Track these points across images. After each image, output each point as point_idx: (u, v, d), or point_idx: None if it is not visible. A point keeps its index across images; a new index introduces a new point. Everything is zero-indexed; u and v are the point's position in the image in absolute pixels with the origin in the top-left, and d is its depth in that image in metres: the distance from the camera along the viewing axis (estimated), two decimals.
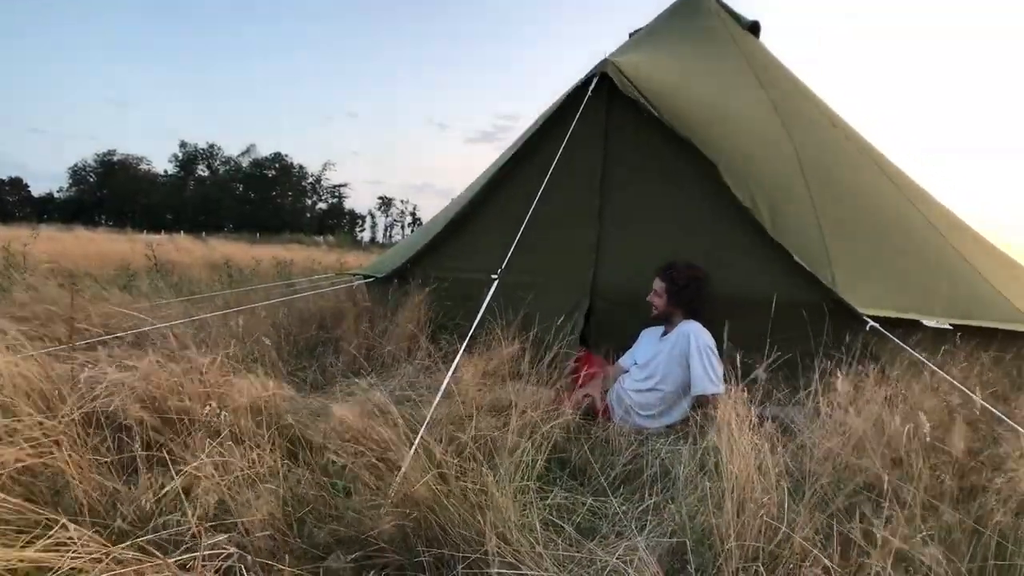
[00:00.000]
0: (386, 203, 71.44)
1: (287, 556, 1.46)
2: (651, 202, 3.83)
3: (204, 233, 31.05)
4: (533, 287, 3.90)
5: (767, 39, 5.78)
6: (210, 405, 1.77)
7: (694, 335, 3.08)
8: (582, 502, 2.15)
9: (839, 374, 2.66)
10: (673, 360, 3.08)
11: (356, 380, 3.43)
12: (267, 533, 1.51)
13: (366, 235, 65.35)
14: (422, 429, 2.04)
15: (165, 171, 62.77)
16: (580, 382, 3.34)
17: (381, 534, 1.57)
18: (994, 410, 2.21)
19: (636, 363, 3.35)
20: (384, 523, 1.55)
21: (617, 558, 1.67)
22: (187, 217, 53.74)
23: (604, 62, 3.89)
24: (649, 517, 2.00)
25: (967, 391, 2.35)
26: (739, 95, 4.49)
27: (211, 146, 63.46)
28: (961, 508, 1.63)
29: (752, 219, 3.39)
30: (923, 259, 3.67)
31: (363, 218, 69.57)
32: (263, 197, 60.22)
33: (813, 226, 3.48)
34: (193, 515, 1.39)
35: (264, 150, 68.00)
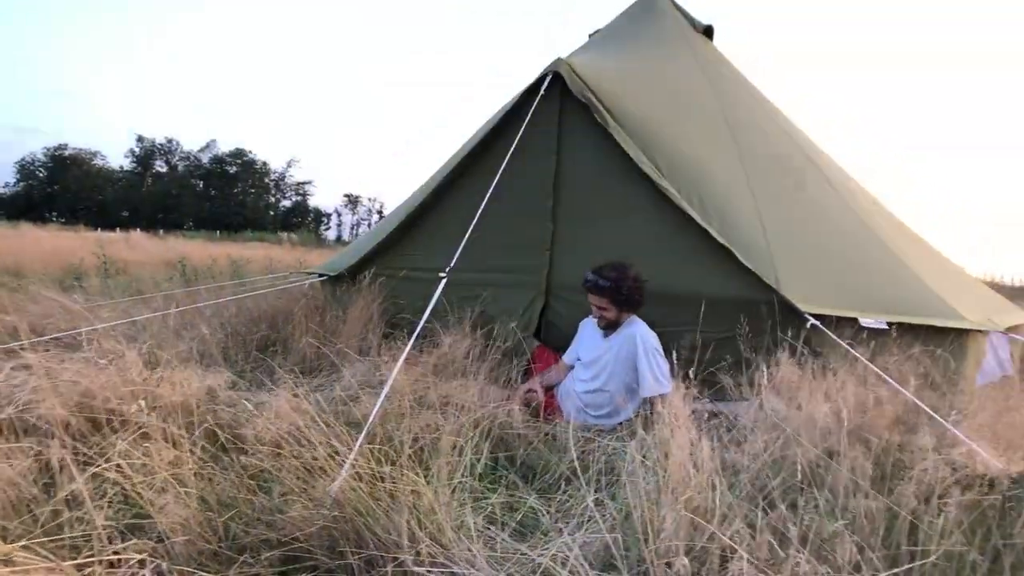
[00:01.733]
0: (353, 201, 70.58)
1: (210, 560, 1.43)
2: (604, 201, 3.85)
3: (162, 231, 30.31)
4: (487, 285, 3.91)
5: (722, 42, 5.89)
6: (138, 405, 1.72)
7: (640, 338, 3.09)
8: (525, 500, 2.16)
9: (780, 370, 2.74)
10: (620, 362, 3.10)
11: (304, 379, 3.39)
12: (186, 537, 1.48)
13: (332, 233, 64.47)
14: (362, 436, 2.02)
15: (121, 166, 60.96)
16: (529, 377, 3.36)
17: (309, 537, 1.55)
18: (919, 402, 2.28)
19: (580, 359, 3.37)
20: (311, 526, 1.53)
21: (550, 557, 1.68)
22: (145, 214, 52.25)
23: (558, 61, 3.91)
24: (590, 514, 2.02)
25: (896, 384, 2.42)
26: (689, 98, 4.56)
27: (169, 141, 61.82)
28: (880, 496, 1.68)
29: (697, 220, 3.45)
30: (861, 259, 3.78)
31: (328, 216, 68.58)
32: (224, 194, 58.93)
33: (757, 227, 3.55)
34: (101, 518, 1.35)
35: (227, 145, 66.76)
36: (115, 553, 1.26)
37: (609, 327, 3.24)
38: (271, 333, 4.06)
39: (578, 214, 3.87)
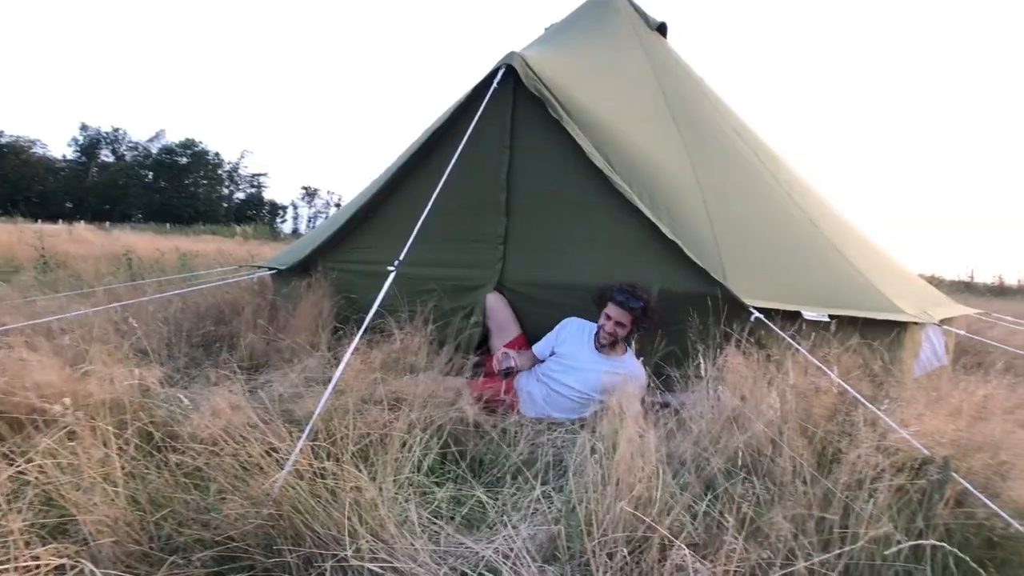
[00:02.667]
0: (311, 193, 69.32)
1: (139, 562, 1.39)
2: (558, 195, 3.86)
3: (108, 223, 29.25)
4: (441, 279, 3.88)
5: (677, 40, 5.96)
6: (62, 403, 1.65)
7: (638, 381, 3.13)
8: (472, 494, 2.15)
9: (726, 362, 2.79)
10: (611, 388, 3.02)
11: (250, 376, 3.32)
12: (113, 539, 1.42)
13: (288, 226, 63.20)
14: (304, 433, 1.99)
15: (63, 156, 58.46)
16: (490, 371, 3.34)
17: (245, 536, 1.52)
18: (855, 392, 2.36)
19: (554, 353, 3.38)
20: (247, 524, 1.50)
21: (493, 550, 1.68)
22: (90, 206, 50.29)
23: (511, 55, 3.89)
24: (536, 506, 2.03)
25: (833, 376, 2.50)
26: (641, 94, 4.61)
27: (116, 130, 59.63)
28: (816, 483, 1.73)
29: (648, 216, 3.49)
30: (805, 254, 3.89)
31: (284, 208, 67.20)
32: (175, 185, 57.13)
33: (705, 223, 3.61)
34: (18, 521, 1.29)
35: (177, 136, 64.78)
36: (33, 558, 1.20)
37: (612, 345, 3.25)
38: (217, 328, 3.97)
39: (532, 208, 3.87)
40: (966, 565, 1.58)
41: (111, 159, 59.34)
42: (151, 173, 58.20)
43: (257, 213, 60.86)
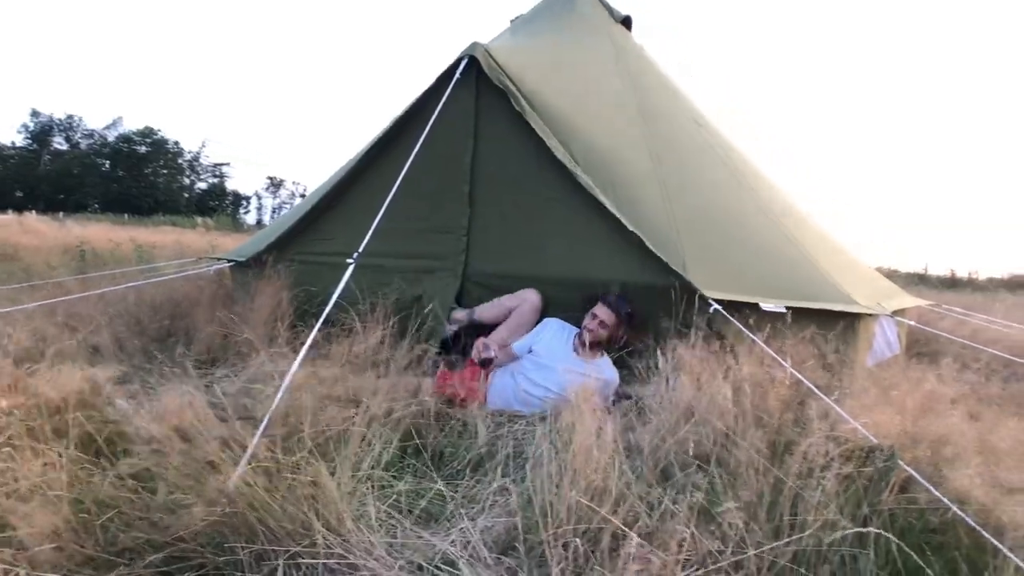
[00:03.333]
0: (276, 184, 68.06)
1: (82, 567, 1.35)
2: (521, 187, 3.86)
3: (62, 213, 28.30)
4: (403, 271, 3.85)
5: (641, 34, 5.99)
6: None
7: (612, 386, 3.18)
8: (431, 487, 2.14)
9: (685, 353, 2.83)
10: (584, 388, 3.07)
11: (206, 371, 3.25)
12: (54, 544, 1.38)
13: (251, 217, 61.97)
14: (260, 429, 1.96)
15: (13, 143, 56.21)
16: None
17: (196, 535, 1.49)
18: (808, 383, 2.41)
19: (532, 350, 3.37)
20: (198, 523, 1.47)
21: (451, 542, 1.68)
22: (42, 195, 48.53)
23: (474, 45, 3.87)
24: (495, 498, 2.03)
25: (788, 366, 2.55)
26: (605, 87, 4.63)
27: (70, 117, 57.60)
28: (766, 473, 1.77)
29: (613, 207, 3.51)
30: (763, 247, 3.96)
31: (248, 199, 65.83)
32: (133, 175, 55.45)
33: (666, 215, 3.66)
34: None
35: (135, 124, 62.90)
36: None
37: (592, 346, 3.25)
38: (173, 322, 3.87)
39: (495, 199, 3.87)
40: (909, 550, 1.63)
41: (65, 147, 57.30)
42: (108, 162, 56.37)
43: (219, 204, 59.55)
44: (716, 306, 3.11)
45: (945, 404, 2.34)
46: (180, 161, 60.81)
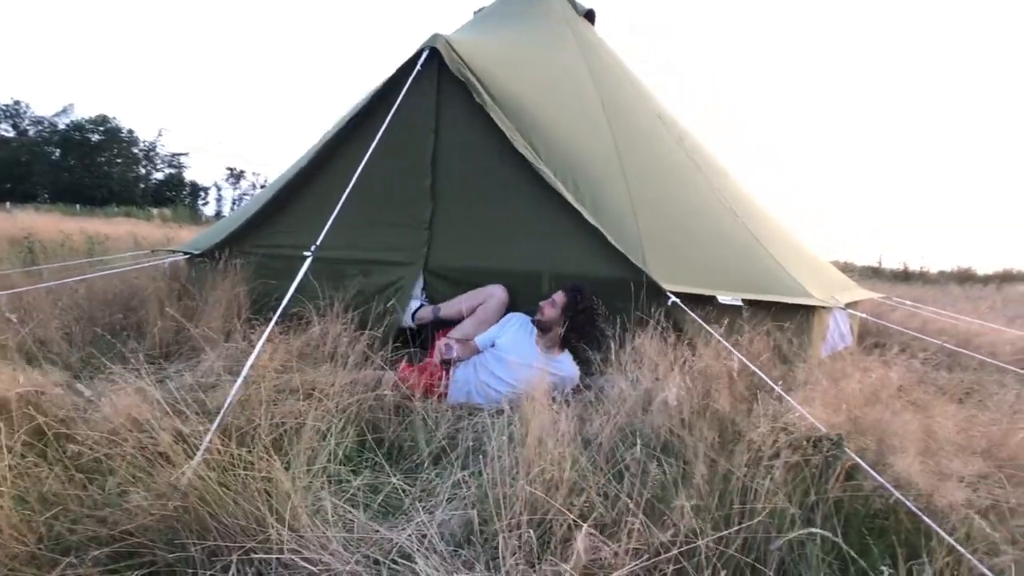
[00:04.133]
0: (236, 175, 66.54)
1: (25, 565, 1.30)
2: (484, 181, 3.85)
3: (9, 203, 27.25)
4: (364, 263, 3.81)
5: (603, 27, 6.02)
6: None
7: (572, 382, 3.20)
8: (389, 481, 2.14)
9: (644, 345, 2.87)
10: (543, 382, 3.07)
11: (160, 366, 3.18)
12: None
13: (210, 209, 60.50)
14: (215, 423, 1.92)
15: None
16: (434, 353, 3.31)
17: (145, 530, 1.46)
18: (763, 375, 2.47)
19: (495, 344, 3.37)
20: (148, 518, 1.44)
21: (407, 536, 1.68)
22: None
23: (435, 37, 3.84)
24: (453, 492, 2.03)
25: (742, 357, 2.60)
26: (568, 81, 4.64)
27: (16, 103, 55.30)
28: (718, 462, 1.81)
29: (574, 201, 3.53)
30: (721, 240, 4.03)
31: (206, 190, 64.22)
32: (85, 164, 53.53)
33: (627, 209, 3.69)
34: None
35: (86, 111, 60.70)
36: None
37: (542, 330, 3.27)
38: (125, 317, 3.77)
39: (458, 193, 3.85)
40: (853, 534, 1.69)
41: (11, 134, 55.02)
42: (58, 150, 54.32)
43: (177, 195, 57.97)
44: (674, 299, 3.16)
45: (891, 393, 2.42)
46: (135, 150, 58.93)
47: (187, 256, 4.60)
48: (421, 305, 3.69)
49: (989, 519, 1.63)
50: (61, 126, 55.28)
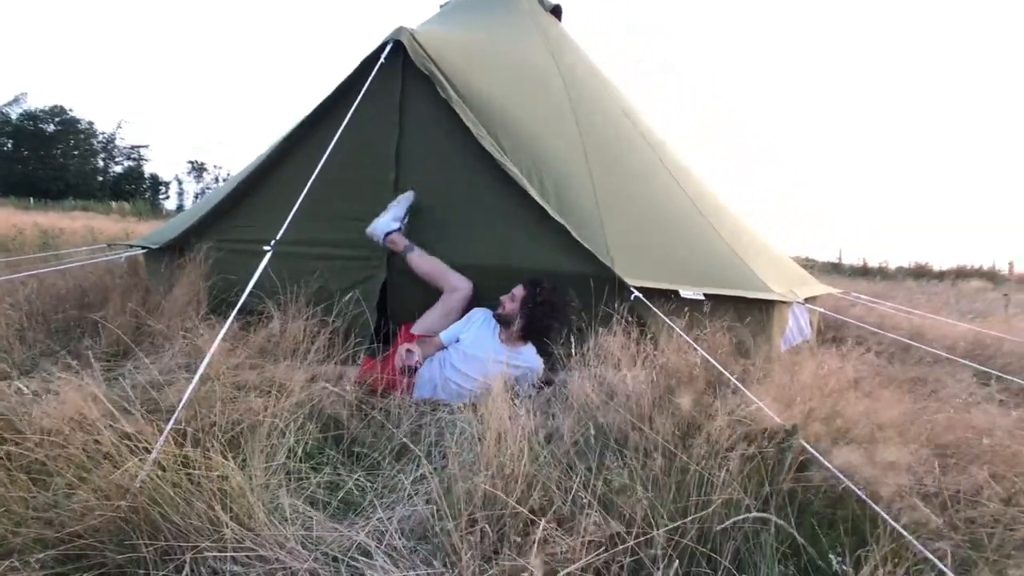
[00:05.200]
0: (198, 168, 65.04)
1: None
2: (448, 176, 3.84)
3: None
4: (326, 258, 3.77)
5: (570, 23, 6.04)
6: None
7: (536, 374, 3.22)
8: (350, 478, 2.12)
9: (606, 340, 2.90)
10: (508, 377, 3.07)
11: (118, 364, 3.10)
12: None
13: (172, 203, 59.02)
14: (170, 422, 1.89)
15: None
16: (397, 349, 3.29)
17: (96, 531, 1.42)
18: (723, 369, 2.51)
19: (459, 340, 3.36)
20: (96, 519, 1.40)
21: (366, 533, 1.67)
22: None
23: (399, 30, 3.81)
24: (414, 488, 2.03)
25: (702, 351, 2.65)
26: (535, 75, 4.65)
27: None
28: (677, 455, 1.84)
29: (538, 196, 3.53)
30: (686, 235, 4.08)
31: (167, 184, 62.63)
32: (40, 156, 51.75)
33: (592, 204, 3.71)
34: None
35: (41, 101, 58.62)
36: None
37: (503, 323, 3.29)
38: (80, 313, 3.66)
39: (423, 188, 3.82)
40: (806, 523, 1.73)
41: None
42: (10, 141, 52.42)
43: (137, 188, 56.45)
44: (637, 293, 3.19)
45: (845, 386, 2.49)
46: (93, 142, 57.21)
47: (145, 251, 4.49)
48: (399, 228, 3.63)
49: (933, 505, 1.69)
50: (13, 116, 53.34)
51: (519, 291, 3.26)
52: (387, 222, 3.62)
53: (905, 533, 1.58)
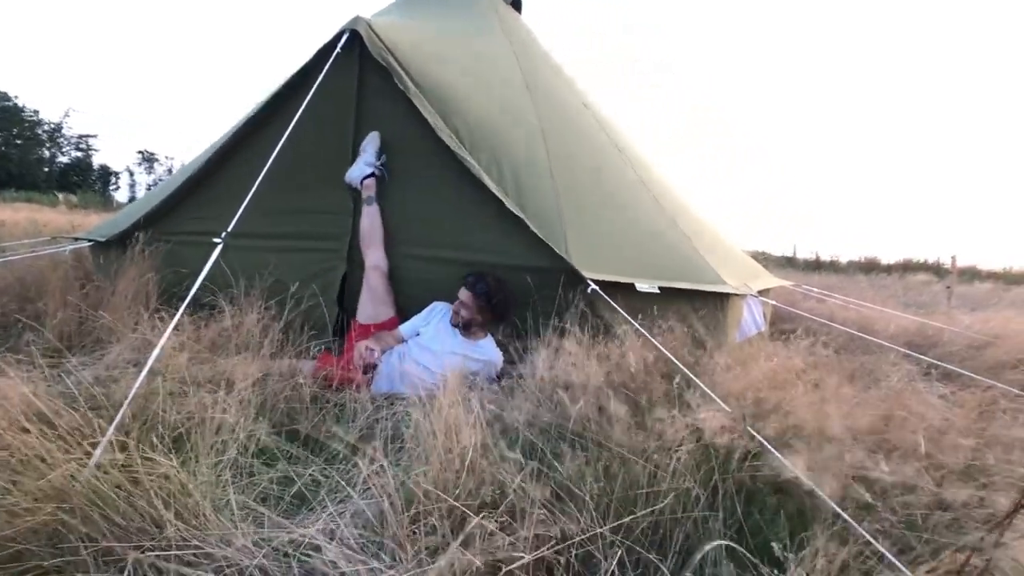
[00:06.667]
0: (148, 158, 63.11)
1: None
2: (407, 168, 3.80)
3: None
4: (281, 251, 3.71)
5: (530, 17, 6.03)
6: None
7: (495, 366, 3.25)
8: (303, 473, 2.09)
9: (563, 334, 2.92)
10: (467, 371, 3.05)
11: (62, 360, 2.99)
12: None
13: (122, 194, 57.09)
14: (115, 421, 1.83)
15: None
16: (351, 347, 3.26)
17: (32, 533, 1.37)
18: (676, 361, 2.56)
19: (419, 333, 3.34)
20: (29, 522, 1.35)
21: (318, 528, 1.65)
22: None
23: (356, 19, 3.75)
24: (367, 482, 2.01)
25: (657, 344, 2.69)
26: (493, 67, 4.63)
27: None
28: (630, 447, 1.87)
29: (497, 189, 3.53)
30: (643, 228, 4.13)
31: (118, 175, 60.60)
32: None
33: (551, 196, 3.72)
34: None
35: None
36: None
37: (464, 327, 3.29)
38: (21, 307, 3.53)
39: (380, 181, 3.78)
40: (753, 512, 1.78)
41: None
42: None
43: (85, 179, 54.51)
44: (594, 287, 3.22)
45: (792, 376, 2.56)
46: (39, 131, 54.97)
47: (92, 243, 4.35)
48: (372, 173, 3.69)
49: (873, 491, 1.75)
50: None
51: (468, 296, 3.26)
52: (361, 168, 3.70)
53: (846, 516, 1.64)
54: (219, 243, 2.74)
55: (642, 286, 3.44)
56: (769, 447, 1.92)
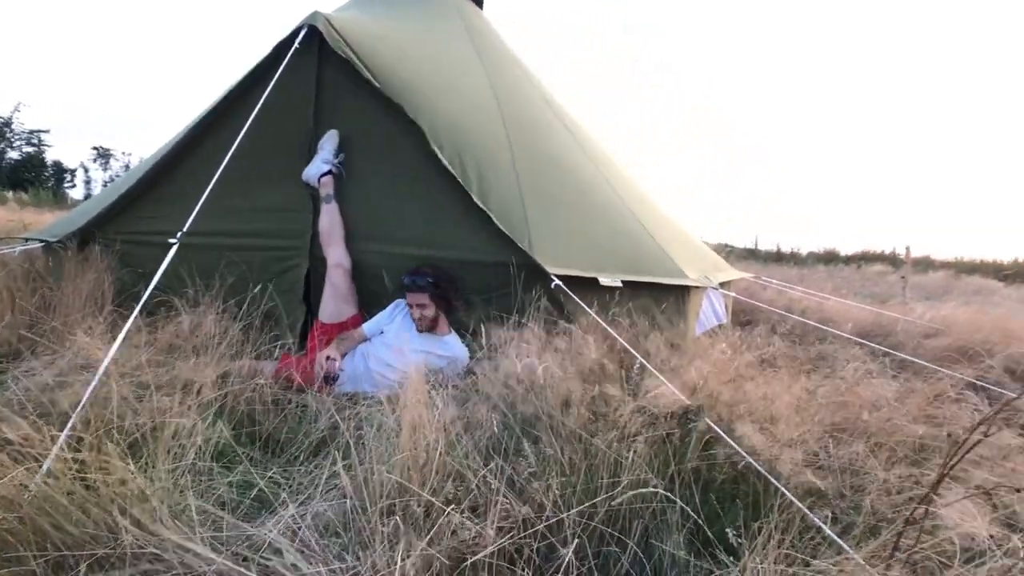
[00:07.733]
0: (103, 154, 61.18)
1: None
2: (369, 164, 3.77)
3: None
4: (241, 250, 3.65)
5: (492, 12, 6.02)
6: None
7: (461, 362, 3.24)
8: (263, 475, 2.07)
9: (526, 328, 2.94)
10: (432, 369, 3.05)
11: (10, 365, 2.91)
12: None
13: (78, 192, 55.32)
14: (67, 427, 1.79)
15: None
16: (314, 347, 3.23)
17: None
18: (636, 353, 2.60)
19: (383, 332, 3.32)
20: None
21: (279, 530, 1.64)
22: None
23: (315, 14, 3.70)
24: (330, 483, 2.00)
25: (618, 336, 2.73)
26: (456, 63, 4.62)
27: None
28: (588, 439, 1.89)
29: (461, 185, 3.53)
30: (606, 223, 4.17)
31: (72, 172, 58.68)
32: None
33: (515, 191, 3.73)
34: None
35: None
36: None
37: (431, 328, 3.28)
38: None
39: (342, 176, 3.75)
40: (710, 500, 1.82)
41: None
42: None
43: (38, 176, 52.69)
44: (557, 281, 3.24)
45: (748, 367, 2.62)
46: None
47: (43, 244, 4.22)
48: (329, 171, 3.66)
49: (824, 476, 1.81)
50: None
51: (416, 297, 3.24)
52: (318, 166, 3.66)
53: (796, 501, 1.69)
54: (175, 243, 2.68)
55: (605, 280, 3.48)
56: (725, 436, 1.97)
